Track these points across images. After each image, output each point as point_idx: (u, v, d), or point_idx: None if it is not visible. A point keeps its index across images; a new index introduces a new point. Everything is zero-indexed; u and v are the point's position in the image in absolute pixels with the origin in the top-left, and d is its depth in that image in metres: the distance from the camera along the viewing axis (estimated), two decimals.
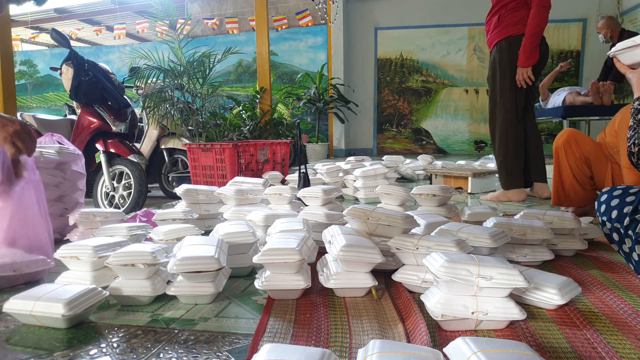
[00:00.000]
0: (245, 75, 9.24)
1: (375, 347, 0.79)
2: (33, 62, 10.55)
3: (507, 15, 2.85)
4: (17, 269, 1.47)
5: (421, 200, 2.18)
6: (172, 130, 4.39)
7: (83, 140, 3.62)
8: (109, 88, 3.63)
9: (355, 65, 8.62)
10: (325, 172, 3.23)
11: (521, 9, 2.82)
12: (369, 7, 8.43)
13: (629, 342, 1.00)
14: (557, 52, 7.81)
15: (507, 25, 2.86)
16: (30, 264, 1.51)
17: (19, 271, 1.48)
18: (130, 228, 1.75)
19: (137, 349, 1.02)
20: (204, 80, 4.84)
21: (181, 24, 5.63)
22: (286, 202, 2.24)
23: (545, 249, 1.60)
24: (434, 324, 1.10)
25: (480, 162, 4.46)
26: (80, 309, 1.14)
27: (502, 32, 2.89)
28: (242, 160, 3.65)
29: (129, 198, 3.60)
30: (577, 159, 2.21)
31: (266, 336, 1.06)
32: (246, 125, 6.60)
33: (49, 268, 1.57)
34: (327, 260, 1.42)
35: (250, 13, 8.79)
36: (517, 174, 2.97)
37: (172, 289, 1.29)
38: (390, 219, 1.43)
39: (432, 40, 8.33)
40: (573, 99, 4.83)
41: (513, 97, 2.91)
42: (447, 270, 1.05)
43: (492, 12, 2.97)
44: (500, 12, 2.89)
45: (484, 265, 1.06)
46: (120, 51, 9.90)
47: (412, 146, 8.58)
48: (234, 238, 1.51)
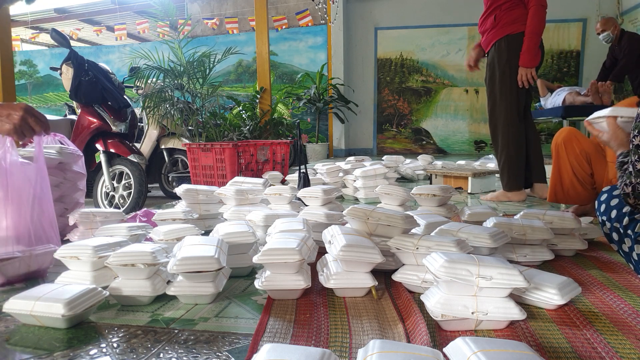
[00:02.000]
0: (245, 75, 9.24)
1: (375, 347, 0.79)
2: (33, 62, 10.55)
3: (503, 14, 2.84)
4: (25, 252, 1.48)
5: (421, 200, 2.18)
6: (172, 130, 4.38)
7: (83, 140, 3.61)
8: (109, 88, 3.63)
9: (355, 65, 8.62)
10: (325, 172, 3.23)
11: (516, 8, 2.81)
12: (369, 7, 8.43)
13: (629, 342, 1.00)
14: (557, 52, 7.81)
15: (504, 24, 2.85)
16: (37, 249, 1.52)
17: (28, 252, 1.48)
18: (130, 228, 1.75)
19: (137, 349, 1.02)
20: (204, 80, 4.84)
21: (181, 24, 5.63)
22: (286, 202, 2.24)
23: (545, 249, 1.60)
24: (434, 324, 1.10)
25: (480, 162, 4.46)
26: (80, 309, 1.14)
27: (499, 32, 2.88)
28: (242, 160, 3.65)
29: (129, 198, 3.60)
30: (577, 156, 2.21)
31: (266, 336, 1.06)
32: (246, 125, 6.60)
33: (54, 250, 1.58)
34: (327, 260, 1.42)
35: (250, 13, 8.79)
36: (519, 174, 2.97)
37: (172, 289, 1.29)
38: (390, 219, 1.43)
39: (432, 40, 8.32)
40: (573, 99, 4.83)
41: (515, 97, 2.90)
42: (447, 270, 1.05)
43: (487, 13, 2.96)
44: (495, 13, 2.88)
45: (484, 265, 1.06)
46: (120, 51, 9.89)
47: (412, 146, 8.57)
48: (234, 238, 1.51)
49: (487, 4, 2.93)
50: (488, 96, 3.03)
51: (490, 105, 3.01)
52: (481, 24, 3.03)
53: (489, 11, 2.93)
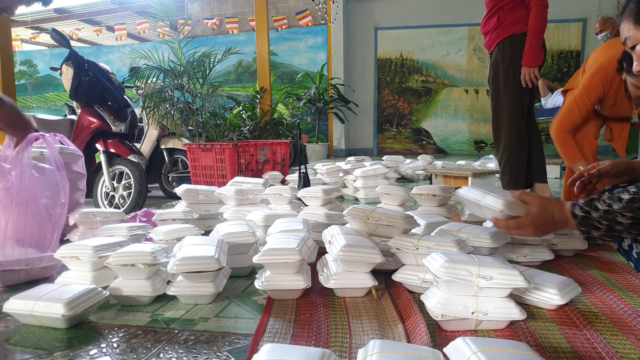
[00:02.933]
0: (245, 75, 9.24)
1: (375, 347, 0.79)
2: (33, 62, 10.55)
3: (506, 15, 2.85)
4: (30, 264, 1.47)
5: (421, 200, 2.18)
6: (172, 130, 4.38)
7: (83, 140, 3.61)
8: (109, 88, 3.63)
9: (355, 65, 8.62)
10: (325, 172, 3.23)
11: (519, 9, 2.81)
12: (369, 7, 8.43)
13: (629, 342, 1.00)
14: (557, 52, 7.81)
15: (507, 24, 2.85)
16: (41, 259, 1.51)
17: (31, 265, 1.47)
18: (130, 228, 1.75)
19: (137, 349, 1.02)
20: (204, 80, 4.84)
21: (181, 24, 5.63)
22: (286, 202, 2.24)
23: (545, 249, 1.60)
24: (434, 324, 1.10)
25: (480, 162, 4.45)
26: (80, 309, 1.14)
27: (503, 32, 2.88)
28: (242, 160, 3.65)
29: (129, 198, 3.60)
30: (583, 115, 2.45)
31: (266, 336, 1.06)
32: (246, 125, 6.60)
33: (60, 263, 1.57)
34: (327, 260, 1.42)
35: (250, 13, 8.79)
36: (520, 175, 2.95)
37: (172, 289, 1.29)
38: (390, 219, 1.43)
39: (432, 40, 8.32)
40: None
41: (518, 96, 2.90)
42: (447, 270, 1.05)
43: (489, 14, 2.96)
44: (498, 14, 2.89)
45: (484, 265, 1.06)
46: (120, 51, 9.89)
47: (412, 146, 8.57)
48: (234, 238, 1.51)
49: (489, 5, 2.93)
50: (492, 96, 3.02)
51: (494, 105, 3.01)
52: (484, 25, 3.03)
53: (491, 12, 2.93)
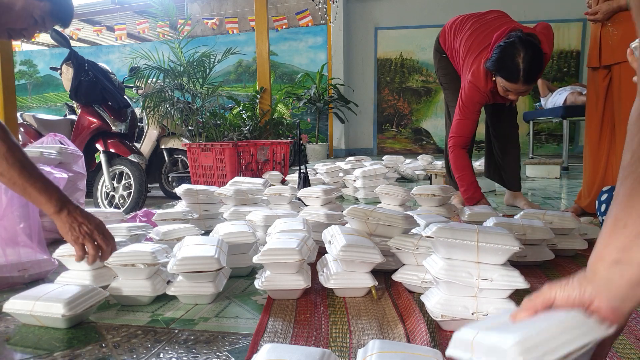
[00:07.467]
0: (245, 75, 9.24)
1: (375, 347, 0.79)
2: (33, 62, 10.54)
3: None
4: (22, 269, 1.47)
5: (421, 200, 2.18)
6: (172, 130, 4.38)
7: (83, 140, 3.62)
8: (109, 88, 3.63)
9: (355, 65, 8.61)
10: (325, 172, 3.23)
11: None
12: (369, 7, 8.43)
13: (629, 342, 1.00)
14: (557, 52, 7.80)
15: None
16: (35, 264, 1.51)
17: (24, 272, 1.47)
18: (130, 228, 1.75)
19: (137, 349, 1.02)
20: (204, 80, 4.84)
21: (181, 24, 5.63)
22: (286, 202, 2.24)
23: (545, 249, 1.60)
24: (434, 324, 1.10)
25: (480, 162, 4.45)
26: (80, 309, 1.14)
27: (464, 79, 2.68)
28: (242, 160, 3.65)
29: (129, 198, 3.60)
30: None
31: (266, 336, 1.06)
32: (246, 125, 6.60)
33: (54, 269, 1.57)
34: (327, 260, 1.42)
35: (250, 13, 8.78)
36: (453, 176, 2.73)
37: (172, 289, 1.29)
38: (390, 219, 1.43)
39: (432, 40, 8.26)
40: (575, 99, 4.82)
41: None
42: (448, 272, 1.05)
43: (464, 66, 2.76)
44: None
45: (484, 269, 1.06)
46: (120, 51, 9.89)
47: (412, 146, 8.57)
48: (234, 238, 1.51)
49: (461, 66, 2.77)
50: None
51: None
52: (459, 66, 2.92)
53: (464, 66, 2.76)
